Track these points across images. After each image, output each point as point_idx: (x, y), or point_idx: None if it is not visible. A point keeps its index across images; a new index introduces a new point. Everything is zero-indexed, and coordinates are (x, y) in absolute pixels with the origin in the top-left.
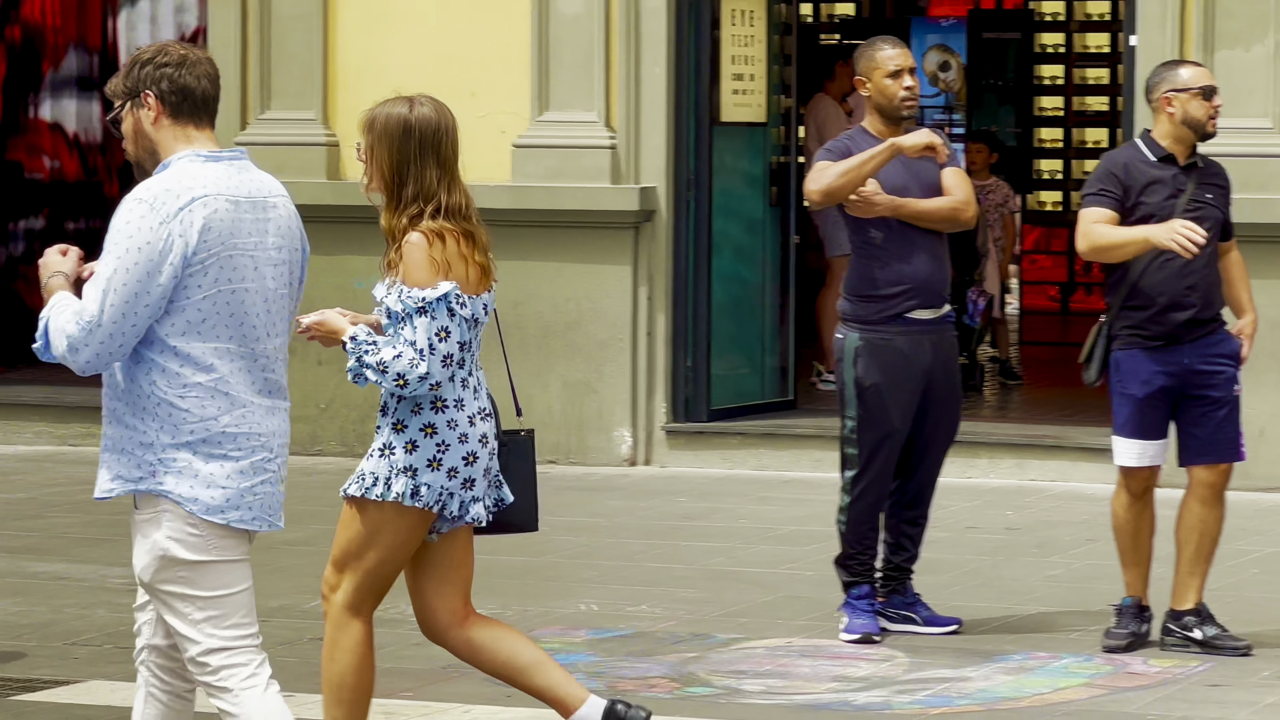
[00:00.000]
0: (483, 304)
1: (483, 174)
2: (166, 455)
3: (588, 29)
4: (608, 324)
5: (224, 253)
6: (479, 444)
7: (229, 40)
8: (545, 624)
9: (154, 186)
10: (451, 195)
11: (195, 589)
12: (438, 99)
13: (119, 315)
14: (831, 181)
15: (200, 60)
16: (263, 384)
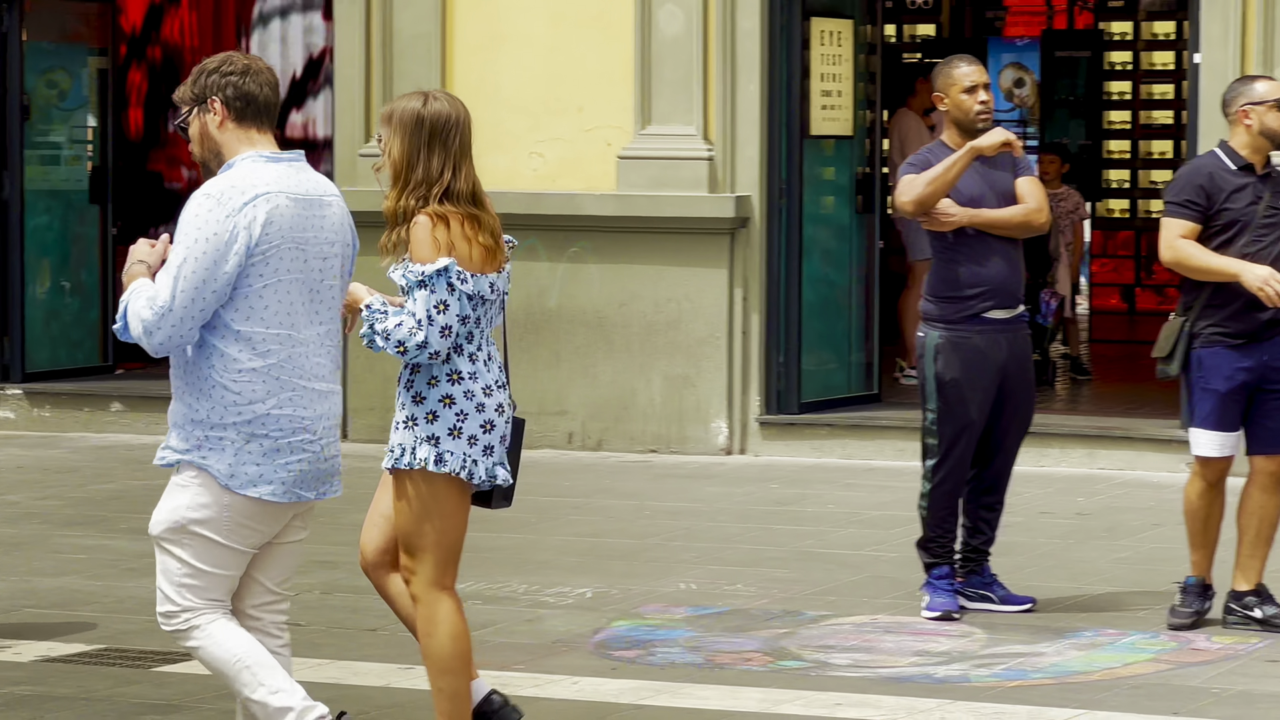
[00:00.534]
0: (489, 283)
1: (589, 183)
2: (213, 433)
3: (687, 49)
4: (705, 323)
5: (283, 245)
6: (495, 413)
7: (354, 59)
8: (647, 601)
9: (220, 183)
10: (458, 181)
11: (192, 557)
12: (455, 96)
13: (188, 300)
14: (921, 191)
15: (262, 69)
16: (314, 367)
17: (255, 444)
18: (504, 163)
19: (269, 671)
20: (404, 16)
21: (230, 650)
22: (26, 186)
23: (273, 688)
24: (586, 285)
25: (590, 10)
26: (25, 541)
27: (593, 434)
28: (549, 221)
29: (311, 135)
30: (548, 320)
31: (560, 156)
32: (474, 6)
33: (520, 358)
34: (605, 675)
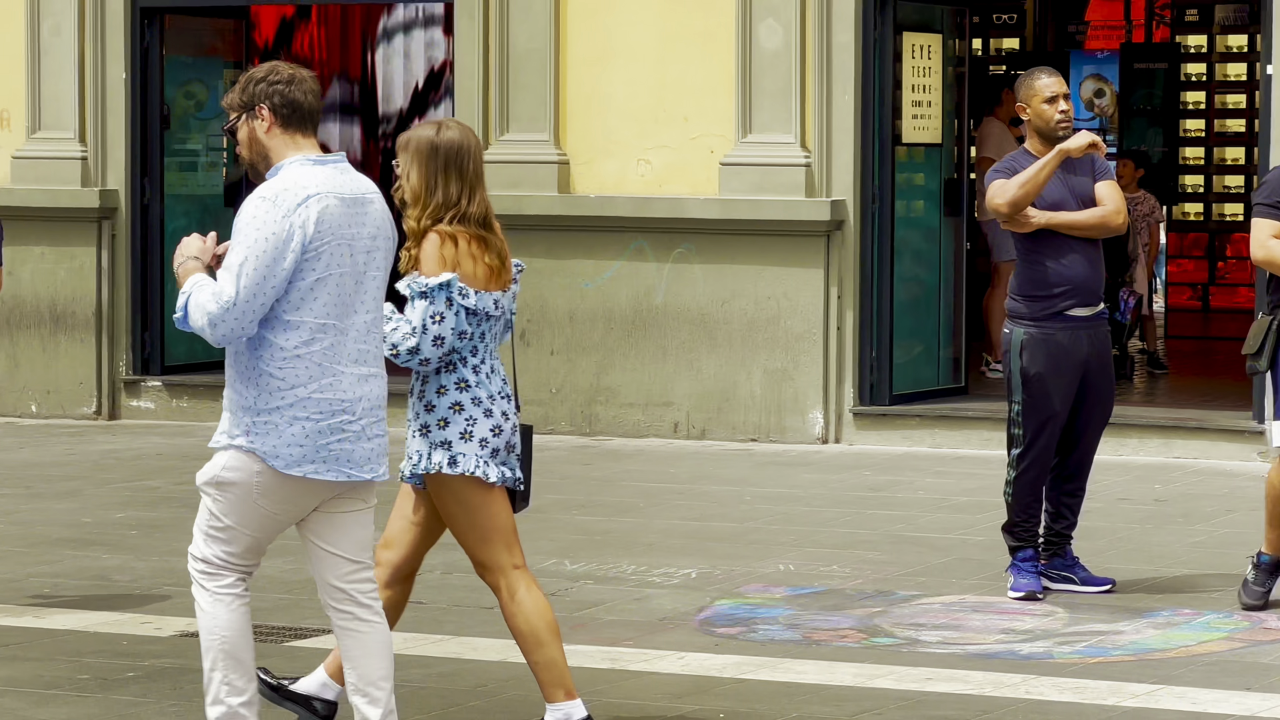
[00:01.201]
0: (492, 300)
1: (694, 188)
2: (260, 418)
3: (786, 62)
4: (803, 319)
5: (333, 242)
6: (501, 418)
7: (473, 71)
8: (748, 581)
9: (275, 186)
10: (471, 206)
11: (220, 511)
12: (465, 124)
13: (250, 295)
14: (1015, 193)
15: (306, 78)
16: (356, 354)
17: (299, 426)
18: (613, 169)
19: (233, 665)
20: (520, 32)
21: (217, 628)
22: (166, 191)
23: (226, 678)
24: (691, 284)
25: (695, 26)
26: (165, 524)
27: (697, 424)
28: (656, 224)
29: None
30: (654, 317)
31: (667, 163)
32: (586, 22)
33: (628, 353)
34: (709, 651)
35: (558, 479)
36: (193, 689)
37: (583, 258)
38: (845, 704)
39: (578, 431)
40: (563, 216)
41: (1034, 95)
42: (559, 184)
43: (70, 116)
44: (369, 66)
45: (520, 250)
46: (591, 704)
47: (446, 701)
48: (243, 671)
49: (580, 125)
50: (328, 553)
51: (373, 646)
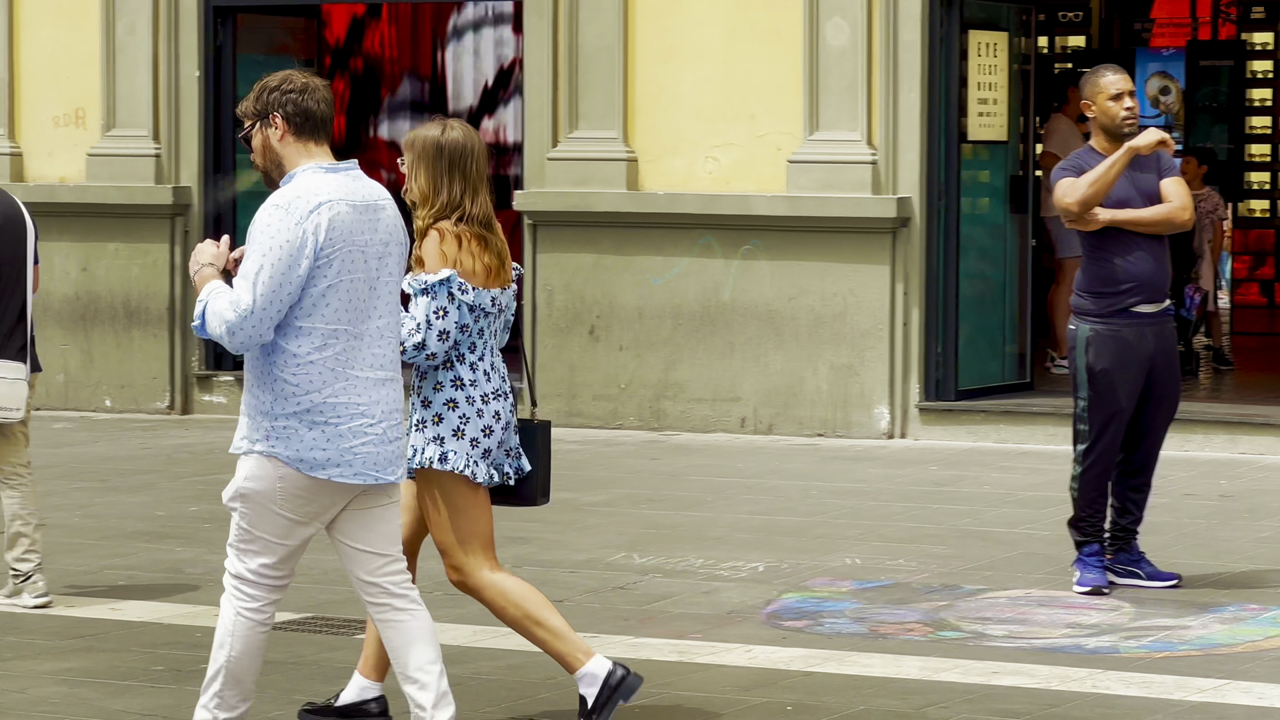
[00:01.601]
0: (490, 297)
1: (761, 185)
2: (278, 423)
3: (852, 60)
4: (869, 315)
5: (345, 248)
6: (493, 419)
7: (542, 70)
8: (815, 575)
9: (287, 194)
10: (473, 206)
11: (255, 528)
12: (468, 124)
13: (266, 303)
14: (1084, 192)
15: (318, 87)
16: (372, 358)
17: (318, 430)
18: (681, 166)
19: (233, 685)
20: (589, 30)
21: (232, 647)
22: (239, 189)
23: (221, 691)
24: (758, 281)
25: (762, 24)
26: None
27: (764, 419)
28: (723, 221)
29: (502, 140)
30: (722, 313)
31: (734, 160)
32: (654, 21)
33: (696, 348)
34: (776, 644)
35: (626, 473)
36: (265, 680)
37: (651, 254)
38: (911, 697)
39: (646, 426)
40: (631, 213)
41: (1099, 92)
42: (627, 181)
43: (144, 114)
44: (439, 64)
45: (588, 247)
46: (660, 696)
47: (516, 694)
48: (239, 691)
49: (648, 123)
50: (357, 550)
51: (414, 634)
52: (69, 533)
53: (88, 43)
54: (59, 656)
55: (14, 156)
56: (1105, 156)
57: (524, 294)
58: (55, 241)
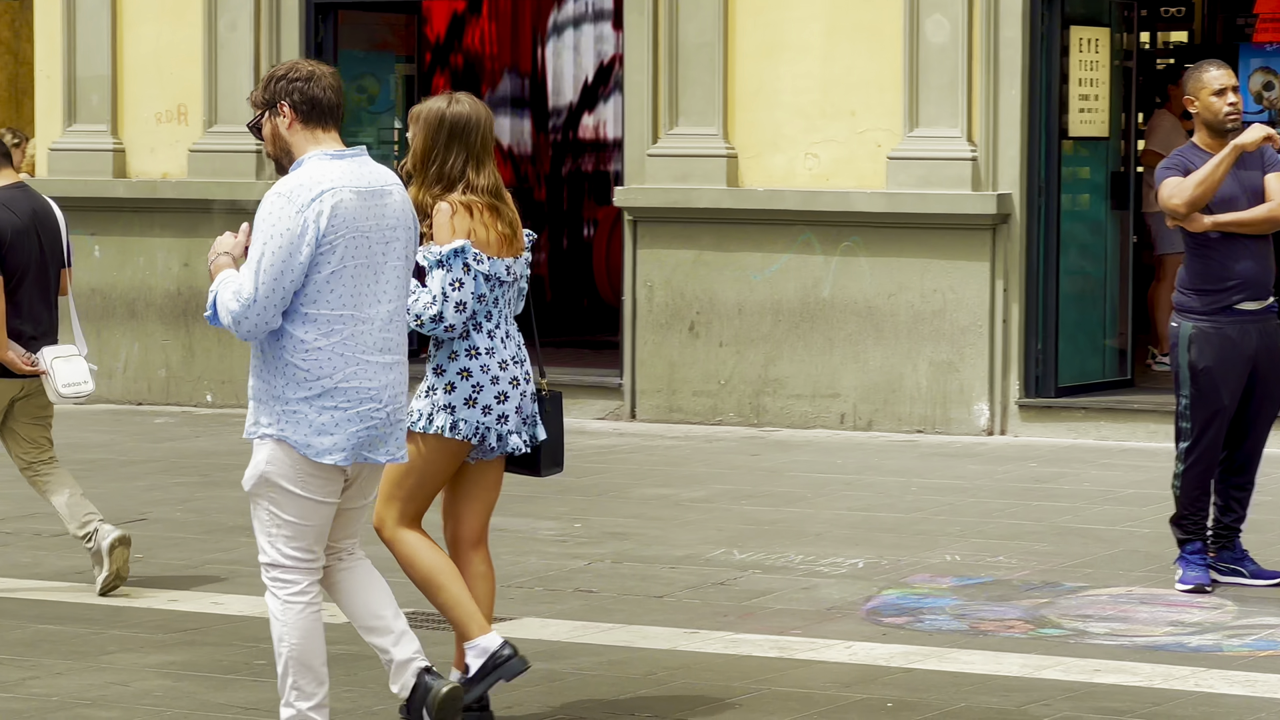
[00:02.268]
0: (505, 266)
1: (860, 182)
2: (289, 407)
3: (952, 56)
4: (968, 312)
5: (348, 234)
6: (509, 385)
7: (642, 66)
8: (915, 571)
9: (290, 182)
10: (480, 177)
11: (281, 511)
12: (478, 98)
13: (269, 291)
14: (1191, 193)
15: (325, 75)
16: (380, 343)
17: (327, 415)
18: (781, 162)
19: (303, 672)
20: (689, 27)
21: (289, 637)
22: None
23: (296, 683)
24: (857, 277)
25: (863, 20)
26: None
27: (863, 415)
28: (823, 217)
29: (602, 136)
30: (821, 309)
31: (834, 157)
32: (754, 18)
33: (795, 344)
34: (876, 640)
35: (726, 469)
36: (367, 675)
37: (751, 250)
38: (1013, 694)
39: (745, 422)
40: (731, 210)
41: (1202, 88)
42: (727, 177)
43: (246, 110)
44: (539, 61)
45: (688, 243)
46: (760, 692)
47: (617, 689)
48: (312, 677)
49: (748, 119)
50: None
51: (365, 576)
52: (170, 527)
53: (190, 40)
54: (162, 650)
55: (117, 152)
56: (1208, 153)
57: (624, 290)
58: (157, 237)
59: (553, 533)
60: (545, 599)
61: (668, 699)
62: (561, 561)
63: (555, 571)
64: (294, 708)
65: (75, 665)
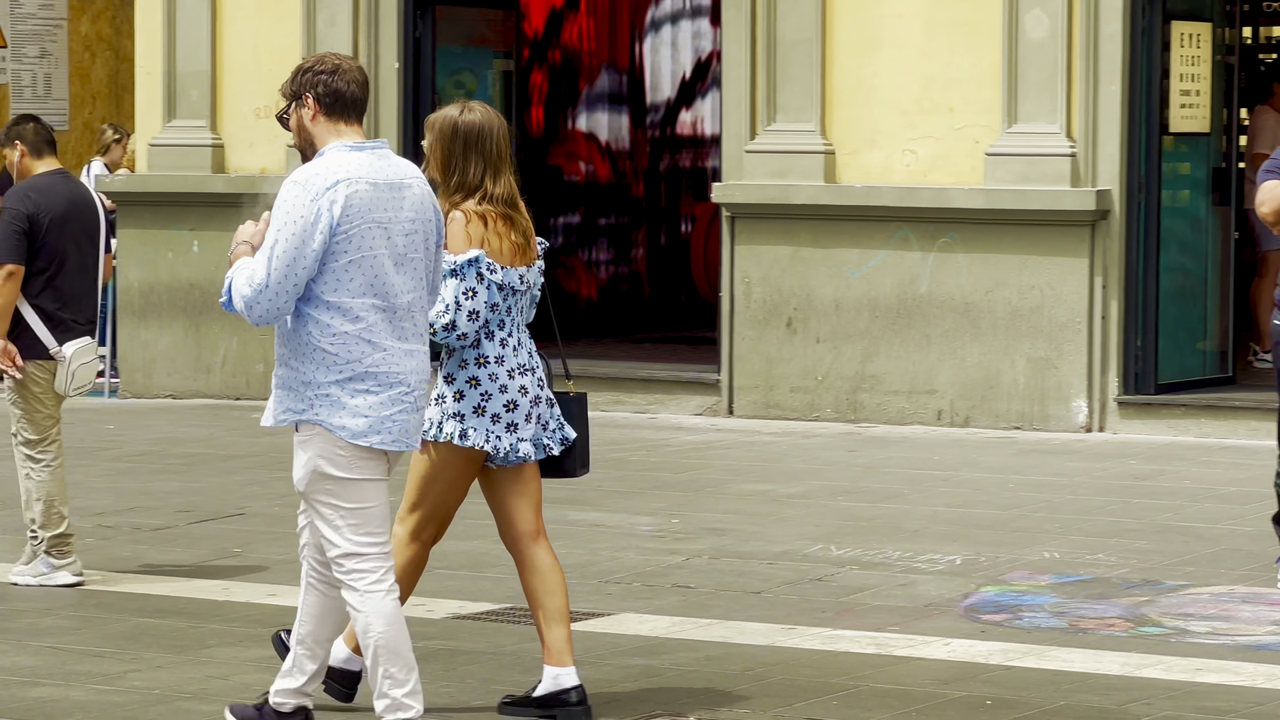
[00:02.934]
0: (518, 275)
1: (958, 178)
2: (321, 391)
3: (1052, 52)
4: (1067, 308)
5: (363, 224)
6: (519, 394)
7: (740, 62)
8: (1013, 569)
9: (306, 171)
10: (495, 186)
11: (339, 500)
12: (490, 106)
13: (281, 277)
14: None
15: (350, 69)
16: (401, 332)
17: (360, 399)
18: (879, 159)
19: (393, 659)
20: (786, 23)
21: (373, 627)
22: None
23: (388, 672)
24: (955, 273)
25: (961, 16)
26: None
27: (960, 411)
28: (920, 214)
29: (699, 133)
30: (919, 305)
31: (931, 153)
32: (852, 13)
33: (892, 340)
34: (975, 637)
35: (823, 465)
36: (465, 670)
37: (848, 247)
38: (1113, 693)
39: (842, 418)
40: (829, 206)
41: None
42: (825, 174)
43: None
44: (636, 57)
45: (786, 239)
46: (857, 689)
47: (715, 685)
48: (401, 663)
49: (846, 115)
50: None
51: (333, 611)
52: (270, 521)
53: (288, 35)
54: (261, 644)
55: (216, 148)
56: None
57: (722, 286)
58: None
59: (650, 528)
60: (643, 594)
61: (765, 695)
62: (659, 557)
63: (653, 567)
64: (388, 696)
65: (175, 659)
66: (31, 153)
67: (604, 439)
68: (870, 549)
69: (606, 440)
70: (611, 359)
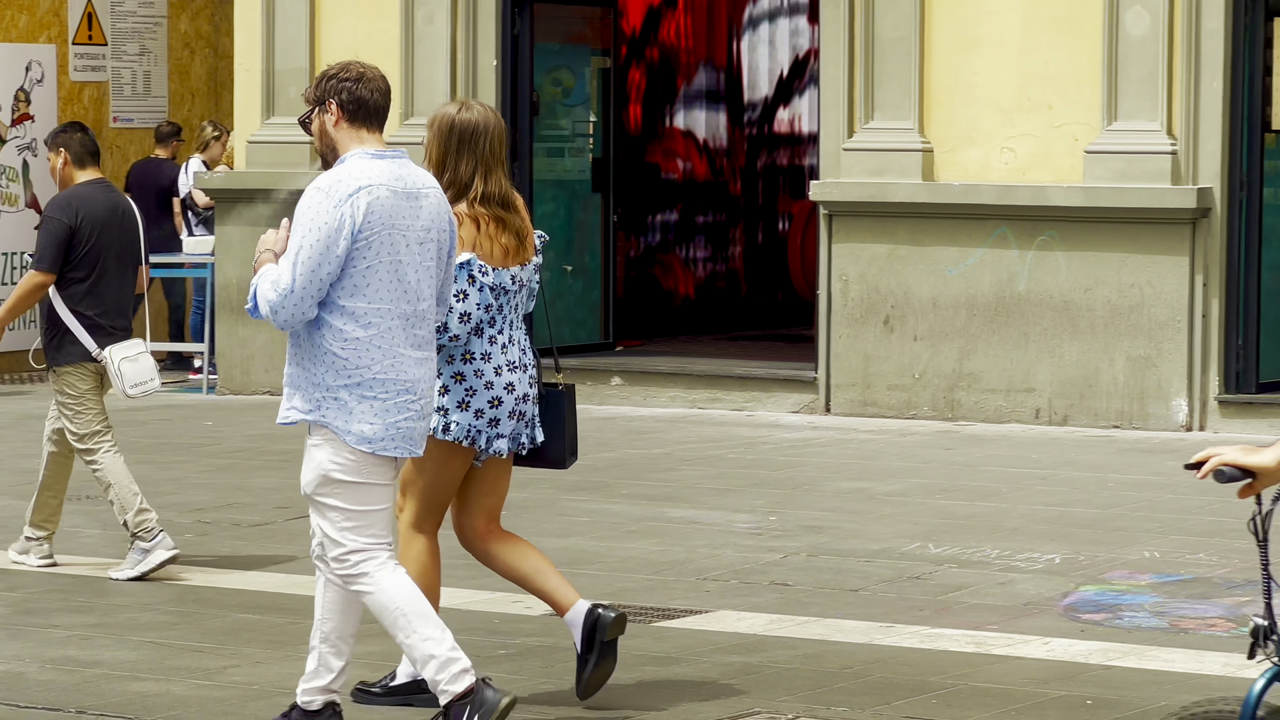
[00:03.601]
0: (509, 275)
1: (1057, 176)
2: (330, 395)
3: (1152, 49)
4: (1167, 307)
5: (384, 231)
6: (504, 391)
7: (838, 60)
8: (1113, 568)
9: (329, 177)
10: (488, 185)
11: (345, 503)
12: (489, 105)
13: (306, 282)
14: None
15: (374, 77)
16: (414, 339)
17: (366, 404)
18: (977, 157)
19: (423, 621)
20: (885, 20)
21: (393, 598)
22: (535, 176)
23: (424, 635)
24: (1054, 271)
25: (1060, 13)
26: (534, 505)
27: (1059, 410)
28: (1018, 212)
29: (796, 130)
30: (1016, 304)
31: (1030, 151)
32: (951, 11)
33: (990, 339)
34: (1074, 636)
35: (920, 463)
36: (563, 668)
37: (946, 245)
38: (1214, 694)
39: (940, 416)
40: (926, 204)
41: None
42: (923, 171)
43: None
44: (734, 54)
45: (883, 237)
46: (956, 687)
47: (813, 682)
48: (434, 623)
49: (944, 113)
50: None
51: (354, 605)
52: None
53: (387, 33)
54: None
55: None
56: None
57: (819, 283)
58: None
59: (748, 526)
60: (741, 592)
61: (864, 693)
62: (757, 555)
63: (751, 565)
64: (434, 656)
65: (274, 654)
66: (74, 162)
67: (701, 437)
68: (968, 547)
69: (704, 438)
70: (709, 357)
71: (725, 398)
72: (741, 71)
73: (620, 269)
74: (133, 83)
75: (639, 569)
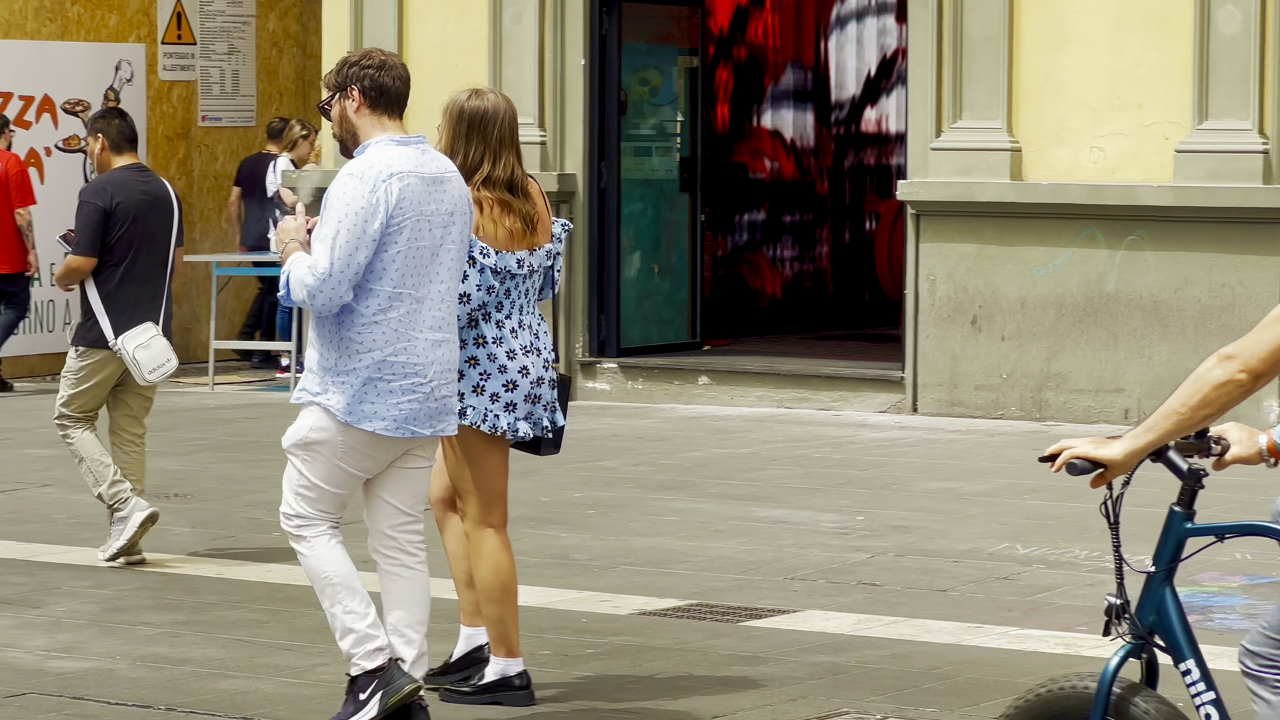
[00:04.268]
0: (515, 259)
1: (1147, 175)
2: (339, 378)
3: (1245, 47)
4: (1259, 307)
5: (414, 216)
6: (518, 374)
7: (926, 59)
8: (1203, 569)
9: (361, 164)
10: (496, 170)
11: (310, 473)
12: (503, 93)
13: (344, 265)
14: None
15: (395, 65)
16: (433, 320)
17: (371, 386)
18: (1065, 156)
19: (350, 594)
20: (973, 19)
21: (325, 567)
22: (622, 176)
23: (348, 607)
24: (1143, 271)
25: (1151, 11)
26: (621, 504)
27: (1148, 410)
28: (1108, 211)
29: (884, 130)
30: (1105, 303)
31: (1120, 150)
32: (1040, 10)
33: (1079, 338)
34: None
35: (1008, 463)
36: (651, 666)
37: (1034, 245)
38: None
39: (1027, 417)
40: (1014, 204)
41: None
42: (1011, 171)
43: (530, 102)
44: (821, 53)
45: (971, 237)
46: None
47: (901, 683)
48: (360, 597)
49: (1032, 112)
50: (387, 503)
51: (415, 592)
52: None
53: (475, 32)
54: (449, 639)
55: None
56: None
57: (906, 283)
58: None
59: (835, 525)
60: (828, 591)
61: (952, 694)
62: (844, 554)
63: (838, 564)
64: (354, 630)
65: None
66: (111, 147)
67: (788, 436)
68: (1057, 548)
69: (791, 437)
70: (796, 356)
71: (812, 397)
72: (829, 71)
73: (708, 268)
74: (221, 82)
75: (726, 568)
